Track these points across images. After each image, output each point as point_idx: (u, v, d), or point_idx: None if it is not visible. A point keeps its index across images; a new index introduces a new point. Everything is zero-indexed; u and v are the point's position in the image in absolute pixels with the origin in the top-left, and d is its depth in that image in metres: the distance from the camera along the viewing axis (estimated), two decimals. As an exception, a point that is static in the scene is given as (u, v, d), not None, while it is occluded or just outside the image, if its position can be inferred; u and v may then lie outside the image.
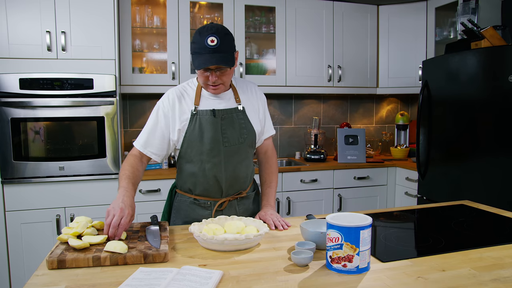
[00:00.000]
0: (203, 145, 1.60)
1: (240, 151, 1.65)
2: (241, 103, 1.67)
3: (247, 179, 1.73)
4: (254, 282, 1.06)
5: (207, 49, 1.46)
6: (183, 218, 1.71)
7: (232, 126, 1.63)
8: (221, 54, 1.48)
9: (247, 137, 1.66)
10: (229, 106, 1.65)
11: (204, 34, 1.47)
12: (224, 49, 1.48)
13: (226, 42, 1.50)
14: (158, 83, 3.10)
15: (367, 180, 3.39)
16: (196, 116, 1.60)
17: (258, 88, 1.79)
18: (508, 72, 2.30)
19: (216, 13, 3.33)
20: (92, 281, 1.07)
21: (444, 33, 3.37)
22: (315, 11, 3.45)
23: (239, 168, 1.66)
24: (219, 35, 1.47)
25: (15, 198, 2.63)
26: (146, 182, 2.85)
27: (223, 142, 1.61)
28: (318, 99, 3.88)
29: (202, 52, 1.47)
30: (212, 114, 1.59)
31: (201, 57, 1.48)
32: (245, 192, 1.72)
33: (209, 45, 1.46)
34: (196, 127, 1.59)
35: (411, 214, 1.80)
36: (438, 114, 2.82)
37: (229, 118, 1.62)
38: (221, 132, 1.60)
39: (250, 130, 1.67)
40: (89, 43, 2.71)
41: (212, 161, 1.61)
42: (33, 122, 2.62)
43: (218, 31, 1.49)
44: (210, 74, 1.53)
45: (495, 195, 2.39)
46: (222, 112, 1.62)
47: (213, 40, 1.46)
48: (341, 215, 1.16)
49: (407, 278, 1.07)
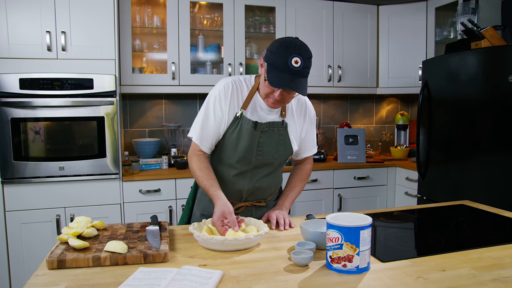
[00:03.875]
0: (236, 152, 1.57)
1: (271, 165, 1.63)
2: (286, 117, 1.60)
3: (271, 190, 1.71)
4: (254, 282, 1.06)
5: (289, 69, 1.37)
6: (201, 210, 1.71)
7: (270, 140, 1.58)
8: (301, 79, 1.40)
9: (283, 154, 1.62)
10: (273, 119, 1.58)
11: (291, 52, 1.37)
12: (304, 73, 1.40)
13: (307, 66, 1.41)
14: (158, 83, 3.10)
15: (367, 180, 3.39)
16: (239, 121, 1.54)
17: (309, 104, 1.71)
18: (508, 72, 2.30)
19: (216, 13, 3.33)
20: (92, 281, 1.07)
21: (444, 33, 3.37)
22: (315, 11, 3.45)
23: (264, 180, 1.64)
24: (303, 57, 1.39)
25: (15, 198, 2.63)
26: (146, 182, 2.85)
27: (256, 155, 1.58)
28: (318, 99, 3.88)
29: (283, 69, 1.38)
30: (253, 126, 1.54)
31: (281, 75, 1.38)
32: (264, 201, 1.70)
33: (293, 66, 1.37)
34: (235, 132, 1.55)
35: (411, 214, 1.80)
36: (438, 114, 2.82)
37: (269, 131, 1.57)
38: (257, 145, 1.56)
39: (288, 146, 1.62)
40: (89, 43, 2.71)
41: (240, 169, 1.59)
42: (33, 122, 2.62)
43: (304, 52, 1.40)
44: (279, 92, 1.45)
45: (495, 195, 2.39)
46: (264, 125, 1.55)
47: (297, 61, 1.37)
48: (341, 215, 1.16)
49: (407, 278, 1.07)
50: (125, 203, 2.82)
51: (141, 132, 3.38)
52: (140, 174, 2.89)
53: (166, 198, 2.89)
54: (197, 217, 1.71)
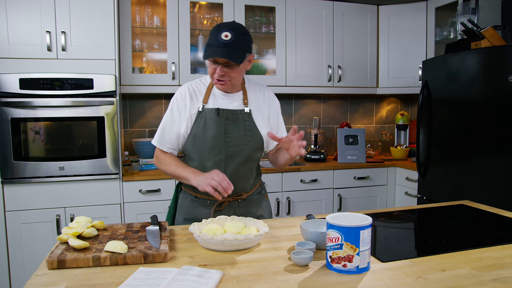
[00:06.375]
0: (206, 143, 1.61)
1: (243, 152, 1.64)
2: (248, 105, 1.66)
3: (250, 182, 1.71)
4: (254, 282, 1.06)
5: (219, 42, 1.48)
6: (183, 215, 1.71)
7: (236, 127, 1.62)
8: (231, 49, 1.48)
9: (251, 140, 1.65)
10: (236, 107, 1.65)
11: (222, 29, 1.49)
12: (236, 46, 1.49)
13: (240, 40, 1.50)
14: (158, 83, 3.10)
15: (367, 180, 3.39)
16: (202, 114, 1.62)
17: (271, 93, 1.77)
18: (508, 72, 2.30)
19: (216, 13, 3.33)
20: (92, 281, 1.07)
21: (444, 33, 3.37)
22: (315, 11, 3.45)
23: (240, 169, 1.65)
24: (234, 32, 1.49)
25: (15, 198, 2.63)
26: (146, 182, 2.85)
27: (226, 142, 1.61)
28: (318, 99, 3.88)
29: (214, 44, 1.49)
30: (216, 113, 1.60)
31: (212, 49, 1.49)
32: (246, 194, 1.71)
33: (222, 39, 1.47)
34: (200, 124, 1.61)
35: (411, 214, 1.80)
36: (438, 114, 2.82)
37: (233, 119, 1.63)
38: (224, 132, 1.61)
39: (256, 133, 1.66)
40: (89, 43, 2.71)
41: (213, 159, 1.62)
42: (33, 122, 2.62)
43: (235, 28, 1.51)
44: (218, 67, 1.53)
45: (495, 195, 2.39)
46: (227, 112, 1.62)
47: (227, 35, 1.47)
48: (341, 215, 1.16)
49: (407, 278, 1.07)
50: (125, 203, 2.82)
51: (141, 132, 3.38)
52: (140, 174, 2.89)
53: (166, 198, 2.89)
54: (180, 222, 1.73)
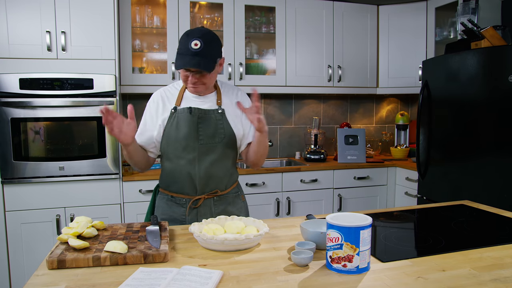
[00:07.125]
0: (179, 141, 1.65)
1: (216, 150, 1.67)
2: (221, 105, 1.70)
3: (224, 180, 1.73)
4: (254, 282, 1.06)
5: (189, 51, 1.52)
6: (160, 215, 1.74)
7: (208, 125, 1.66)
8: (201, 58, 1.52)
9: (224, 138, 1.67)
10: (209, 107, 1.68)
11: (190, 37, 1.53)
12: (205, 54, 1.53)
13: (210, 47, 1.54)
14: (158, 83, 3.10)
15: (367, 180, 3.39)
16: (175, 114, 1.66)
17: (244, 94, 1.80)
18: (508, 72, 2.30)
19: (216, 13, 3.33)
20: (92, 281, 1.07)
21: (444, 33, 3.37)
22: (315, 11, 3.45)
23: (214, 167, 1.67)
24: (203, 40, 1.52)
25: (15, 198, 2.63)
26: (146, 182, 2.85)
27: (199, 140, 1.64)
28: (318, 99, 3.88)
29: (185, 53, 1.53)
30: (188, 112, 1.64)
31: (183, 58, 1.53)
32: (222, 193, 1.72)
33: (192, 48, 1.51)
34: (173, 124, 1.65)
35: (411, 214, 1.80)
36: (438, 114, 2.82)
37: (206, 118, 1.66)
38: (197, 130, 1.64)
39: (229, 132, 1.68)
40: (89, 43, 2.71)
41: (186, 157, 1.65)
42: (33, 122, 2.62)
43: (204, 35, 1.54)
44: (190, 75, 1.58)
45: (495, 195, 2.39)
46: (199, 111, 1.66)
47: (196, 43, 1.51)
48: (341, 215, 1.16)
49: (407, 278, 1.07)
50: (125, 203, 2.82)
51: (141, 132, 3.37)
52: (140, 174, 2.89)
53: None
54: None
